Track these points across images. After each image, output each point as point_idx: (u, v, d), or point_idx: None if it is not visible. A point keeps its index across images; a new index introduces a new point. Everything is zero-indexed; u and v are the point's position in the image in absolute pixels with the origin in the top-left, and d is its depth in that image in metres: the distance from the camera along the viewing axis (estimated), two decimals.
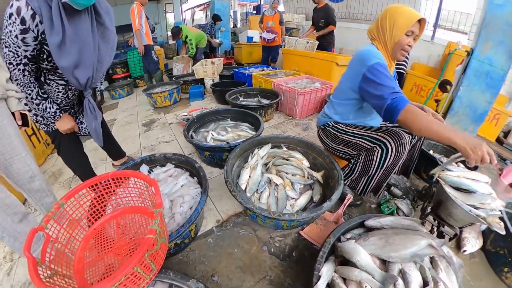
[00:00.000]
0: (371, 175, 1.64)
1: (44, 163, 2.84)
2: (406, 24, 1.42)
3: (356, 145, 1.67)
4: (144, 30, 4.31)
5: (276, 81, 3.62)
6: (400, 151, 1.45)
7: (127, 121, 3.85)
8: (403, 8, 1.46)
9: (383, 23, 1.49)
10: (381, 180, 1.67)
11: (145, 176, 1.24)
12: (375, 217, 1.32)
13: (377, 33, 1.55)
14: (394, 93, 1.31)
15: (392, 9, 1.47)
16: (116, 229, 1.41)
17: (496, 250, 1.45)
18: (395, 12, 1.45)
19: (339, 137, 1.75)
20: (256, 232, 1.64)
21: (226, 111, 2.94)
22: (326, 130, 1.84)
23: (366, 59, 1.45)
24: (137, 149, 2.85)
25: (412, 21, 1.40)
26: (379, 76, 1.37)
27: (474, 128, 2.53)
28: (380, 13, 1.54)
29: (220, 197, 1.95)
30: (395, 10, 1.46)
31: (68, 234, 1.24)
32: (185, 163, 1.90)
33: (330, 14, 4.70)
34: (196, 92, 4.37)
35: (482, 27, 2.18)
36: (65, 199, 1.23)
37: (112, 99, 5.29)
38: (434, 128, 1.19)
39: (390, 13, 1.46)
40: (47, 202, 1.62)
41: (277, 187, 1.76)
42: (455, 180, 1.28)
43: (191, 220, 1.34)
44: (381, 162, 1.53)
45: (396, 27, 1.44)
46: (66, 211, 1.24)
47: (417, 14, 1.43)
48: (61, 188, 2.31)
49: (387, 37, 1.49)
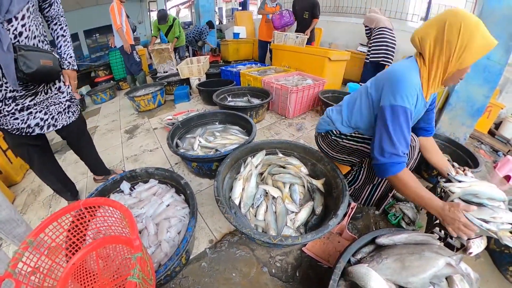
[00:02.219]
0: (376, 183, 1.52)
1: (23, 179, 2.61)
2: (484, 49, 1.06)
3: (358, 152, 1.53)
4: (125, 29, 4.08)
5: (266, 78, 3.45)
6: (409, 154, 1.33)
7: (109, 128, 3.62)
8: (483, 26, 1.05)
9: (452, 38, 1.06)
10: (386, 189, 1.56)
11: (119, 205, 1.06)
12: (388, 235, 1.21)
13: (435, 47, 1.12)
14: (395, 155, 1.17)
15: (471, 23, 1.03)
16: (96, 261, 1.24)
17: (501, 249, 1.46)
18: (475, 29, 1.03)
19: (340, 143, 1.58)
20: (255, 251, 1.50)
21: (213, 114, 2.74)
22: (326, 138, 1.65)
23: (396, 90, 1.15)
24: (119, 160, 2.64)
25: (490, 47, 1.05)
26: (395, 127, 1.16)
27: (471, 123, 2.53)
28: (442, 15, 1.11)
29: (211, 213, 1.78)
30: (475, 27, 1.03)
31: (42, 275, 1.08)
32: (170, 178, 1.71)
33: (316, 6, 4.57)
34: (181, 94, 4.17)
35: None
36: (33, 236, 1.05)
37: (94, 104, 5.03)
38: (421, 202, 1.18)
39: (467, 28, 1.03)
40: (19, 233, 1.44)
41: (275, 200, 1.59)
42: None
43: (179, 252, 1.16)
44: None
45: (471, 50, 1.05)
46: (37, 249, 1.06)
47: (493, 39, 1.06)
48: (41, 208, 2.11)
49: (452, 58, 1.09)
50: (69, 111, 1.71)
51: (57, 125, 1.65)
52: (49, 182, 1.84)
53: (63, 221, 1.18)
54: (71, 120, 1.72)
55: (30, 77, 1.28)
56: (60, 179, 1.88)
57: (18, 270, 0.97)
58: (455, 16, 1.05)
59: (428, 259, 1.03)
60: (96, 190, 1.62)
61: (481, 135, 3.27)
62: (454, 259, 1.03)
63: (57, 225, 1.15)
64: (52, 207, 2.09)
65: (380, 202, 1.65)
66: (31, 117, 1.49)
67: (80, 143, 1.96)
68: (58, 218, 1.15)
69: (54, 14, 1.54)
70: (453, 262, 1.01)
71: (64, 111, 1.67)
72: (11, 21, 1.21)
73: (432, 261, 1.02)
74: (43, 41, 1.42)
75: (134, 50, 4.38)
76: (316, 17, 4.63)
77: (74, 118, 1.75)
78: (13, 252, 0.99)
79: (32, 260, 1.04)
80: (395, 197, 1.83)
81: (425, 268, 1.00)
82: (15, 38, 1.24)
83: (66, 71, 1.62)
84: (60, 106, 1.62)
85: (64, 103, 1.65)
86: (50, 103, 1.56)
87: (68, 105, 1.69)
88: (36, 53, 1.29)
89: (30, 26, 1.31)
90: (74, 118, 1.75)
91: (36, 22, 1.36)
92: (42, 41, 1.42)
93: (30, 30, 1.31)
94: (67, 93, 1.66)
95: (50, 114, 1.58)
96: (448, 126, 2.59)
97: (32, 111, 1.49)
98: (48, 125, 1.60)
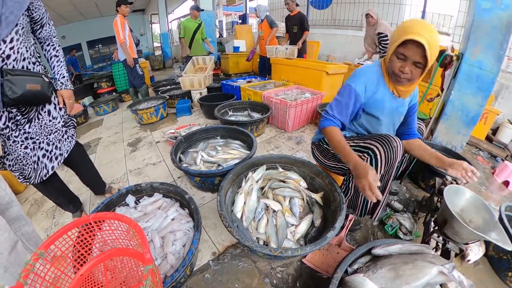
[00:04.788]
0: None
1: (26, 189, 2.66)
2: (394, 41, 1.24)
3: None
4: (128, 43, 4.17)
5: (265, 93, 3.54)
6: (391, 156, 1.35)
7: (112, 140, 3.68)
8: (413, 21, 1.23)
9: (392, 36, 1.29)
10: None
11: (129, 220, 1.12)
12: (383, 245, 1.26)
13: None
14: (329, 115, 1.44)
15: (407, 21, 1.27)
16: (104, 273, 1.29)
17: (499, 255, 1.48)
18: (403, 23, 1.26)
19: (330, 151, 1.67)
20: (256, 263, 1.54)
21: (215, 129, 2.81)
22: (319, 146, 1.75)
23: (352, 75, 1.47)
24: (123, 172, 2.69)
25: (399, 38, 1.21)
26: (338, 98, 1.46)
27: (467, 131, 2.56)
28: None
29: (214, 226, 1.83)
30: (405, 21, 1.26)
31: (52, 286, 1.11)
32: (174, 193, 1.77)
33: (304, 20, 4.84)
34: (183, 107, 4.24)
35: (471, 32, 2.21)
36: (43, 248, 1.10)
37: (96, 115, 5.12)
38: (342, 153, 1.35)
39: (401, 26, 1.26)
40: (27, 231, 1.48)
41: (276, 213, 1.65)
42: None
43: (185, 263, 1.22)
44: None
45: (391, 43, 1.27)
46: (47, 260, 1.11)
47: (412, 32, 1.17)
48: (45, 219, 2.14)
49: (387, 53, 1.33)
50: (68, 136, 1.72)
51: (63, 152, 1.68)
52: (52, 197, 1.87)
53: (73, 233, 1.22)
54: (72, 144, 1.74)
55: (16, 101, 1.29)
56: (64, 194, 1.91)
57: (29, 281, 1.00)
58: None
59: (421, 267, 1.07)
60: (102, 203, 1.67)
61: (478, 141, 3.31)
62: (447, 267, 1.06)
63: (66, 237, 1.19)
64: (56, 218, 2.13)
65: (374, 210, 1.65)
66: (36, 147, 1.52)
67: (81, 167, 1.99)
68: (68, 231, 1.18)
69: (47, 35, 1.56)
70: (445, 270, 1.05)
71: (64, 138, 1.68)
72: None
73: (425, 269, 1.06)
74: (34, 62, 1.44)
75: (137, 63, 4.46)
76: (306, 29, 4.84)
77: (74, 142, 1.77)
78: (24, 263, 1.04)
79: (42, 271, 1.07)
80: (393, 208, 1.88)
81: (417, 276, 1.04)
82: (3, 61, 1.25)
83: (60, 91, 1.62)
84: (58, 133, 1.63)
85: (60, 129, 1.65)
86: (48, 132, 1.57)
87: (65, 130, 1.69)
88: (22, 77, 1.29)
89: (19, 49, 1.31)
90: (74, 142, 1.77)
91: (27, 44, 1.37)
92: (33, 62, 1.43)
93: (19, 52, 1.31)
94: (60, 117, 1.64)
95: (53, 144, 1.60)
96: (445, 135, 2.63)
97: (36, 141, 1.51)
98: (56, 156, 1.63)
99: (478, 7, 2.13)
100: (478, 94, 2.35)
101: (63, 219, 2.09)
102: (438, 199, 1.64)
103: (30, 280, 1.01)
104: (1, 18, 1.19)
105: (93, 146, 3.56)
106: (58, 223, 2.06)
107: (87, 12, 10.44)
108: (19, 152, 1.46)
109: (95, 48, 12.83)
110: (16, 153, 1.46)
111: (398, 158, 1.37)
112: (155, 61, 11.53)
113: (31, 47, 1.43)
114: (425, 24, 1.19)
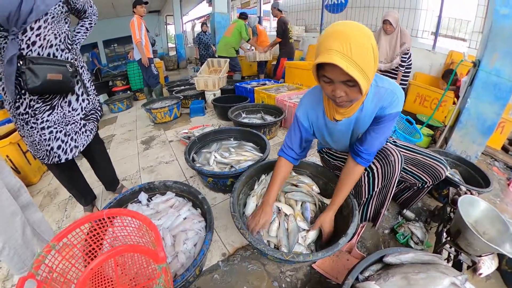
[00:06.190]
0: (365, 201, 1.59)
1: (39, 181, 2.74)
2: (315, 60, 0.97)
3: (337, 168, 1.64)
4: (144, 43, 4.25)
5: (279, 96, 3.54)
6: (389, 170, 1.34)
7: (126, 137, 3.75)
8: (327, 31, 0.95)
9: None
10: (378, 206, 1.60)
11: (143, 218, 1.14)
12: (395, 254, 1.24)
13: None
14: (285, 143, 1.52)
15: (325, 30, 0.98)
16: (114, 268, 1.31)
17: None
18: (323, 36, 0.96)
19: (331, 163, 1.70)
20: (266, 266, 1.54)
21: (229, 130, 2.83)
22: (322, 157, 1.79)
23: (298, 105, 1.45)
24: (135, 170, 2.74)
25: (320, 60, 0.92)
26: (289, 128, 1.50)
27: (482, 141, 2.48)
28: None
29: (225, 227, 1.83)
30: (325, 33, 0.96)
31: (63, 278, 1.15)
32: (187, 192, 1.78)
33: (279, 26, 5.15)
34: (196, 108, 4.29)
35: (489, 39, 2.15)
36: (56, 240, 1.13)
37: (111, 112, 5.22)
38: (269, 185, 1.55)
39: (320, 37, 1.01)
40: (38, 217, 1.52)
41: (287, 217, 1.65)
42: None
43: (196, 263, 1.23)
44: (371, 186, 1.46)
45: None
46: (59, 253, 1.14)
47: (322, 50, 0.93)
48: (57, 211, 2.20)
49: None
50: (86, 129, 1.69)
51: (78, 145, 1.65)
52: (69, 188, 1.91)
53: (85, 227, 1.25)
54: (89, 138, 1.72)
55: (35, 91, 1.32)
56: (82, 188, 1.96)
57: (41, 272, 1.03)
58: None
59: (433, 278, 1.05)
60: (115, 199, 1.69)
61: (494, 151, 3.20)
62: (460, 279, 1.04)
63: (79, 231, 1.22)
64: (68, 210, 2.17)
65: (375, 219, 1.68)
66: (52, 137, 1.52)
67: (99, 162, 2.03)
68: (81, 225, 1.23)
69: (88, 15, 1.69)
70: (458, 282, 1.03)
71: (81, 131, 1.65)
72: (26, 31, 1.26)
73: (437, 280, 1.03)
74: (63, 49, 1.45)
75: (152, 63, 4.52)
76: (277, 35, 5.26)
77: (92, 136, 1.76)
78: (37, 254, 1.06)
79: (54, 263, 1.10)
80: (404, 217, 1.85)
81: (429, 287, 1.02)
82: (28, 48, 1.29)
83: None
84: (75, 125, 1.61)
85: (78, 121, 1.62)
86: (66, 123, 1.56)
87: (83, 124, 1.66)
88: (44, 66, 1.31)
89: (46, 36, 1.34)
90: (92, 136, 1.76)
91: (56, 31, 1.40)
92: (62, 49, 1.44)
93: (45, 39, 1.34)
94: (81, 109, 1.63)
95: (68, 135, 1.58)
96: (460, 144, 2.56)
97: (53, 130, 1.51)
98: (71, 148, 1.61)
99: (496, 13, 2.07)
100: (495, 102, 2.28)
101: (74, 212, 2.14)
102: (451, 209, 1.60)
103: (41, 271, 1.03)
104: (33, 7, 1.23)
105: (106, 142, 3.60)
106: (70, 216, 2.10)
107: (103, 12, 10.72)
108: (35, 137, 1.49)
109: (110, 47, 13.16)
110: (32, 137, 1.50)
111: (397, 172, 1.34)
112: (170, 61, 11.71)
113: (62, 34, 1.44)
114: (339, 30, 0.91)
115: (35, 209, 1.51)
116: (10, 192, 1.29)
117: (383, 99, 1.17)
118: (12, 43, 1.23)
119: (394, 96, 1.15)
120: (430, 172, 1.48)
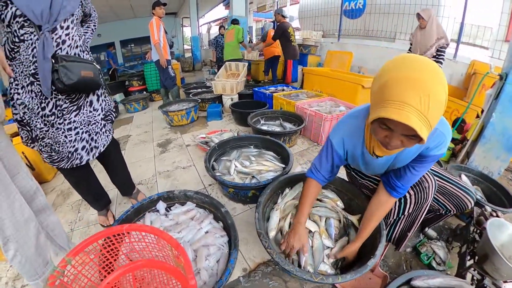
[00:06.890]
0: (392, 222, 1.54)
1: (53, 179, 2.72)
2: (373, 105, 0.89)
3: (364, 186, 1.59)
4: (162, 44, 4.23)
5: (299, 104, 3.45)
6: (422, 196, 1.29)
7: (142, 139, 3.72)
8: (398, 74, 0.77)
9: (373, 84, 0.91)
10: (405, 229, 1.53)
11: (169, 238, 1.07)
12: (423, 277, 1.22)
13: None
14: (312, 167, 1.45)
15: (393, 67, 0.80)
16: (133, 283, 1.25)
17: None
18: (393, 78, 0.78)
19: (359, 181, 1.62)
20: (287, 283, 1.47)
21: (249, 138, 2.76)
22: (349, 172, 1.71)
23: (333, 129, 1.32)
24: (151, 174, 2.68)
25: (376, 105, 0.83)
26: (320, 151, 1.40)
27: (507, 157, 2.39)
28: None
29: (246, 240, 1.75)
30: (395, 73, 0.78)
31: None
32: (209, 204, 1.71)
33: (276, 30, 5.28)
34: (214, 112, 4.23)
35: None
36: (72, 255, 1.07)
37: (127, 112, 5.25)
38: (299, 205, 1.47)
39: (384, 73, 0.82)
40: (52, 221, 1.48)
41: (312, 234, 1.56)
42: None
43: (221, 284, 1.15)
44: (401, 210, 1.41)
45: (376, 102, 0.84)
46: (75, 267, 1.08)
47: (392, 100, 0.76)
48: (69, 211, 2.16)
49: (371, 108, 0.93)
50: (106, 130, 1.68)
51: (99, 146, 1.62)
52: (84, 194, 1.85)
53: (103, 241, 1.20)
54: (109, 139, 1.70)
55: (70, 88, 1.31)
56: (97, 192, 1.89)
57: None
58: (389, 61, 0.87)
59: None
60: (132, 207, 1.64)
61: None
62: None
63: (96, 245, 1.17)
64: (81, 212, 2.14)
65: (400, 242, 1.61)
66: (78, 138, 1.50)
67: (115, 165, 1.96)
68: (99, 239, 1.17)
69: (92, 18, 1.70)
70: None
71: (102, 131, 1.63)
72: (56, 30, 1.27)
73: None
74: (84, 51, 1.47)
75: (170, 65, 4.50)
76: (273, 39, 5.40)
77: (111, 137, 1.74)
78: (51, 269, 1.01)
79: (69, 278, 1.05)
80: (426, 235, 1.77)
81: None
82: (58, 46, 1.29)
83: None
84: (96, 126, 1.59)
85: (100, 122, 1.61)
86: (87, 122, 1.54)
87: (104, 124, 1.65)
88: (77, 64, 1.32)
89: (74, 36, 1.37)
90: (111, 137, 1.74)
91: (79, 33, 1.43)
92: (84, 51, 1.46)
93: (73, 39, 1.36)
94: (101, 109, 1.62)
95: (90, 135, 1.56)
96: (482, 159, 2.45)
97: (79, 130, 1.49)
98: (92, 148, 1.58)
99: None
100: None
101: (88, 215, 2.09)
102: (475, 229, 1.55)
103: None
104: (60, 7, 1.26)
105: (122, 143, 3.60)
106: (83, 218, 2.06)
107: (122, 13, 11.00)
108: (59, 139, 1.45)
109: (127, 47, 13.45)
110: (55, 139, 1.45)
111: (429, 198, 1.29)
112: (185, 63, 11.84)
113: (83, 36, 1.50)
114: (416, 78, 0.74)
115: (51, 212, 1.47)
116: (25, 195, 1.26)
117: (431, 140, 1.04)
118: (47, 40, 1.22)
119: (443, 138, 1.04)
120: (456, 202, 1.41)
